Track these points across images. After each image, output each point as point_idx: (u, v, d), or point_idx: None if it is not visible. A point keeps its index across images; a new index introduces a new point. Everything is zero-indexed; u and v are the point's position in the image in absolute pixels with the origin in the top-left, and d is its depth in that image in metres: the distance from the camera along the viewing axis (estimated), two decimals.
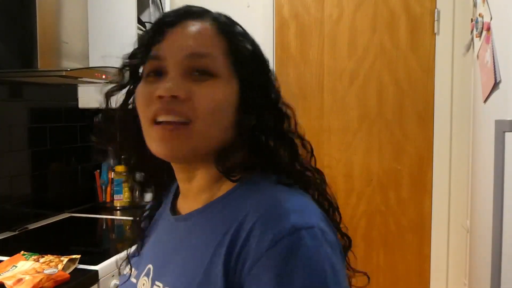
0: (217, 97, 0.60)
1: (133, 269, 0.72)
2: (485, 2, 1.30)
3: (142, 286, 0.67)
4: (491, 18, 1.24)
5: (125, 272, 0.74)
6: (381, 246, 2.32)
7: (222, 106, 0.60)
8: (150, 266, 0.67)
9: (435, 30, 2.22)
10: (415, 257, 2.29)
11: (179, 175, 0.67)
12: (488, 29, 1.25)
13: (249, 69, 0.63)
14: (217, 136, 0.61)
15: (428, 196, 2.28)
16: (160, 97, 0.58)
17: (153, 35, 0.63)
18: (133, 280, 0.70)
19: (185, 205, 0.69)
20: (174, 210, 0.72)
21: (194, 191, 0.66)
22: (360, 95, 2.33)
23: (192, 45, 0.61)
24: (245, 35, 0.66)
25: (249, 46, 0.65)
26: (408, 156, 2.29)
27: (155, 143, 0.60)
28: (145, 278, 0.67)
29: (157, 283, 0.64)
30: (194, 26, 0.62)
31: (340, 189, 2.36)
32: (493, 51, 1.18)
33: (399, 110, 2.30)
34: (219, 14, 0.66)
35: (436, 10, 2.22)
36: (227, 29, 0.64)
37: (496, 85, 1.15)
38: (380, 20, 2.29)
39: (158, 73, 0.61)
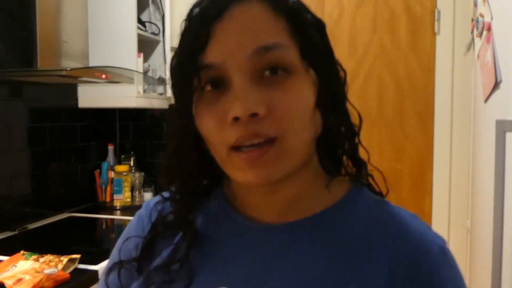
0: (301, 101, 0.49)
1: None
2: (486, 2, 1.30)
3: None
4: (491, 18, 1.24)
5: None
6: None
7: (307, 109, 0.50)
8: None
9: (436, 30, 2.22)
10: None
11: (258, 189, 0.54)
12: (489, 29, 1.25)
13: (321, 55, 0.53)
14: (309, 142, 0.52)
15: (428, 196, 2.28)
16: (236, 118, 0.47)
17: (197, 35, 0.49)
18: None
19: (261, 216, 0.55)
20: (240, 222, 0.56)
21: (281, 201, 0.54)
22: (360, 95, 2.33)
23: (254, 37, 0.47)
24: (305, 9, 0.53)
25: (314, 24, 0.53)
26: (408, 156, 2.29)
27: (241, 171, 0.49)
28: None
29: None
30: (246, 13, 0.48)
31: None
32: (493, 51, 1.18)
33: (399, 110, 2.29)
34: None
35: (436, 10, 2.22)
36: (285, 6, 0.50)
37: (496, 85, 1.15)
38: (380, 20, 2.29)
39: (216, 83, 0.49)
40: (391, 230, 0.53)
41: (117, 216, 2.23)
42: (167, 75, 2.38)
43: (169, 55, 2.37)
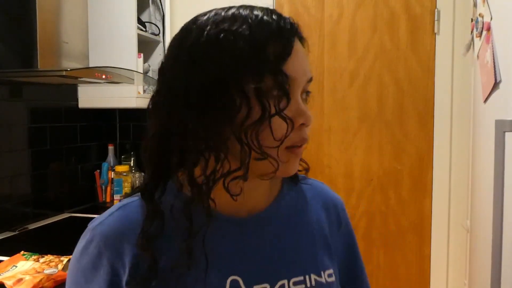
0: None
1: None
2: (485, 2, 1.30)
3: None
4: (491, 18, 1.24)
5: None
6: (381, 246, 2.32)
7: None
8: (233, 278, 0.61)
9: (435, 30, 2.22)
10: (415, 257, 2.29)
11: (260, 183, 0.65)
12: (488, 29, 1.25)
13: None
14: None
15: (428, 196, 2.28)
16: (303, 125, 0.60)
17: (283, 47, 0.57)
18: None
19: (230, 208, 0.64)
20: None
21: (260, 192, 0.67)
22: (360, 95, 2.33)
23: (309, 69, 0.62)
24: None
25: None
26: (408, 156, 2.29)
27: (285, 165, 0.60)
28: (265, 285, 0.62)
29: (291, 281, 0.64)
30: (302, 48, 0.62)
31: (340, 189, 2.36)
32: (493, 51, 1.18)
33: (399, 110, 2.30)
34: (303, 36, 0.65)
35: (436, 10, 2.22)
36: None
37: (496, 85, 1.15)
38: (380, 20, 2.29)
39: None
40: (318, 192, 0.76)
41: None
42: None
43: None
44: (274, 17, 0.59)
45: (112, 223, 0.63)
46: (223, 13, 0.58)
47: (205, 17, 0.59)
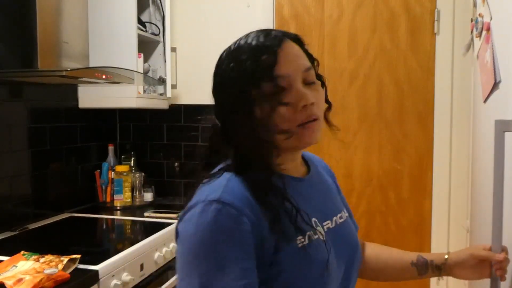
0: (323, 98, 0.86)
1: (308, 235, 0.79)
2: (485, 2, 1.29)
3: (331, 225, 0.88)
4: (491, 18, 1.24)
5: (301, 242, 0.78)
6: None
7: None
8: (314, 219, 0.83)
9: (435, 30, 2.22)
10: None
11: (294, 155, 0.88)
12: (488, 29, 1.25)
13: (317, 73, 0.87)
14: None
15: (428, 196, 2.28)
16: (305, 106, 0.78)
17: (269, 59, 0.78)
18: (321, 236, 0.81)
19: (292, 172, 0.87)
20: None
21: (298, 163, 0.91)
22: (360, 95, 2.33)
23: (303, 61, 0.82)
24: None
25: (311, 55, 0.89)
26: (408, 156, 2.30)
27: (306, 137, 0.80)
28: (328, 222, 0.87)
29: (339, 216, 0.92)
30: (294, 47, 0.82)
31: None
32: (493, 51, 1.17)
33: (399, 110, 2.30)
34: (295, 35, 0.85)
35: (436, 10, 2.22)
36: (304, 47, 0.86)
37: (496, 85, 1.15)
38: (380, 20, 2.29)
39: (282, 89, 0.78)
40: (317, 161, 1.03)
41: (117, 216, 2.24)
42: (167, 76, 2.38)
43: (169, 56, 2.37)
44: (260, 39, 0.80)
45: (234, 191, 0.76)
46: (233, 46, 0.82)
47: (228, 49, 0.83)
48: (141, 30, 2.23)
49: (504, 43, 1.13)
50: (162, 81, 2.38)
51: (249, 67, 0.78)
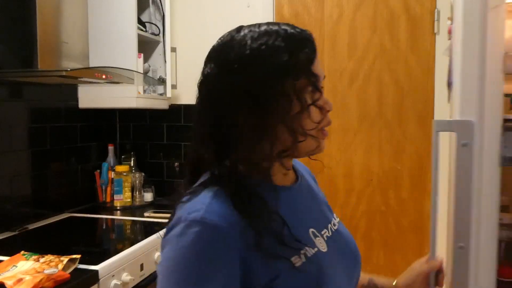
0: None
1: (309, 246, 0.76)
2: (452, 5, 1.31)
3: (329, 232, 0.84)
4: (451, 23, 1.26)
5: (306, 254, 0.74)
6: (381, 246, 2.32)
7: None
8: (311, 229, 0.79)
9: (435, 30, 2.22)
10: (415, 257, 2.27)
11: (289, 162, 0.82)
12: (450, 32, 1.27)
13: None
14: None
15: (428, 196, 2.28)
16: (328, 111, 0.77)
17: (310, 53, 0.74)
18: (323, 248, 0.78)
19: (283, 181, 0.82)
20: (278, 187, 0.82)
21: (289, 170, 0.84)
22: (360, 95, 2.33)
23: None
24: None
25: None
26: (408, 156, 2.30)
27: (320, 142, 0.79)
28: (325, 231, 0.83)
29: (332, 223, 0.88)
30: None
31: (340, 189, 2.36)
32: (451, 54, 1.20)
33: (399, 110, 2.30)
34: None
35: (436, 10, 2.22)
36: None
37: (450, 86, 1.17)
38: (380, 20, 2.29)
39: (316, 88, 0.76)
40: (300, 166, 0.95)
41: (117, 216, 2.24)
42: (167, 76, 2.38)
43: (169, 56, 2.37)
44: (298, 30, 0.74)
45: (219, 210, 0.69)
46: (257, 29, 0.73)
47: (241, 34, 0.73)
48: (141, 30, 2.23)
49: (456, 48, 1.15)
50: (162, 81, 2.38)
51: (293, 58, 0.71)
